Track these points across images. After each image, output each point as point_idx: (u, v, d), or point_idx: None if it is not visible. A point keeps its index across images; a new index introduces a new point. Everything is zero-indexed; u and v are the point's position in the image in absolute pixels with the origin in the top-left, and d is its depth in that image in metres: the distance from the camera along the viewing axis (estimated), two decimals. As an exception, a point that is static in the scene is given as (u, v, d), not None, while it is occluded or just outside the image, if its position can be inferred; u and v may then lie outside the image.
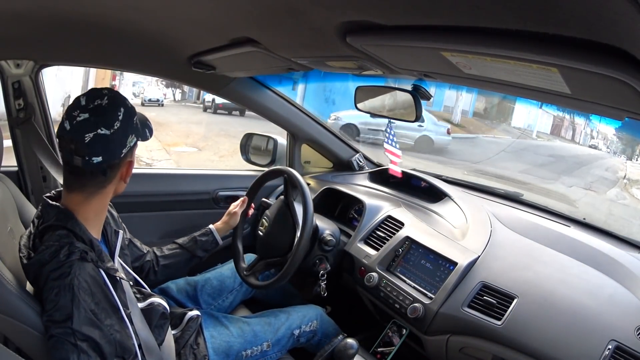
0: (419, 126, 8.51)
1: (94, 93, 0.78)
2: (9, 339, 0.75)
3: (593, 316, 0.89)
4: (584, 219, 1.30)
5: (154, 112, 11.63)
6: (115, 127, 0.76)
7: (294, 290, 1.49)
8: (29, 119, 1.32)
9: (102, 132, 0.75)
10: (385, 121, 1.57)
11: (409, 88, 1.15)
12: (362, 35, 0.62)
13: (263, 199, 1.53)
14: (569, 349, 0.84)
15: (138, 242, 1.13)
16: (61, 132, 0.76)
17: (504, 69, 0.53)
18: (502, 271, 1.05)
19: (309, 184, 1.57)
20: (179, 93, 18.20)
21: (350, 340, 1.05)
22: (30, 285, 0.79)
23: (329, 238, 1.28)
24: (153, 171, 1.59)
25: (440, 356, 1.03)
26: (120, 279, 0.82)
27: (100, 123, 0.75)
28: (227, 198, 1.66)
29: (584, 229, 1.24)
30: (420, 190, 1.57)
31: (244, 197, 1.32)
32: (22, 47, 1.13)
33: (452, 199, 1.40)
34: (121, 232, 0.94)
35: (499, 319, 0.94)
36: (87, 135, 0.74)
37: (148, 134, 0.88)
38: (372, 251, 1.27)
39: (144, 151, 6.65)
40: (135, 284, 0.94)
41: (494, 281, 1.02)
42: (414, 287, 1.12)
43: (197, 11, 0.75)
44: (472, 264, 1.08)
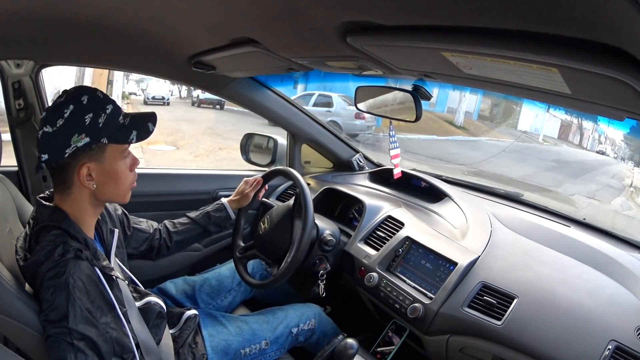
0: (327, 111, 8.71)
1: (62, 92, 0.78)
2: (9, 339, 0.75)
3: (593, 316, 0.89)
4: (584, 219, 1.30)
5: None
6: (58, 125, 0.74)
7: (293, 291, 1.49)
8: (29, 119, 1.32)
9: (46, 129, 0.74)
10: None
11: (409, 88, 1.15)
12: (362, 35, 0.62)
13: (263, 199, 1.53)
14: (569, 349, 0.84)
15: (143, 224, 1.12)
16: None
17: (504, 69, 0.53)
18: (502, 271, 1.05)
19: (309, 184, 1.57)
20: (184, 90, 17.62)
21: (350, 340, 1.05)
22: (29, 286, 0.79)
23: (329, 238, 1.28)
24: (153, 171, 1.58)
25: (440, 356, 1.03)
26: (117, 278, 0.82)
27: (47, 120, 0.75)
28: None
29: (584, 229, 1.24)
30: (420, 190, 1.57)
31: (259, 178, 1.29)
32: (22, 47, 1.13)
33: (452, 199, 1.40)
34: (117, 231, 0.93)
35: (499, 319, 0.94)
36: (39, 133, 0.75)
37: (133, 137, 0.79)
38: (372, 251, 1.27)
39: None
40: (131, 283, 0.94)
41: (494, 281, 1.02)
42: (414, 287, 1.12)
43: (197, 11, 0.75)
44: (472, 264, 1.08)
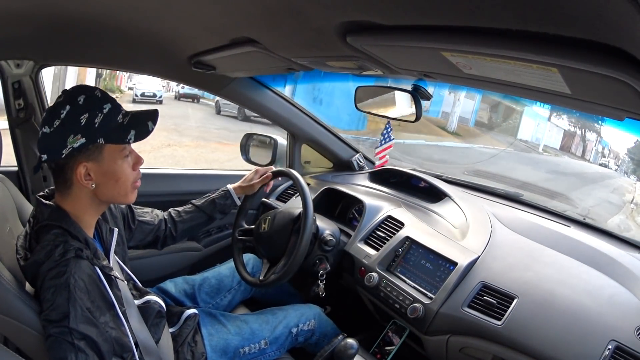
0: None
1: (62, 91, 0.79)
2: (9, 339, 0.75)
3: (593, 316, 0.89)
4: (584, 219, 1.30)
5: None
6: (55, 126, 0.75)
7: (293, 290, 1.50)
8: (29, 119, 1.32)
9: (45, 130, 0.75)
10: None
11: (409, 88, 1.15)
12: (362, 35, 0.62)
13: (263, 199, 1.53)
14: (569, 349, 0.84)
15: (148, 215, 1.12)
16: None
17: (504, 69, 0.53)
18: (502, 271, 1.05)
19: (308, 184, 1.57)
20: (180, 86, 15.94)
21: (350, 340, 1.05)
22: (30, 285, 0.79)
23: (329, 238, 1.28)
24: (153, 171, 1.58)
25: (440, 356, 1.03)
26: (116, 278, 0.82)
27: (46, 121, 0.76)
28: None
29: (584, 229, 1.24)
30: (420, 190, 1.57)
31: (269, 173, 1.29)
32: (22, 47, 1.13)
33: (452, 199, 1.40)
34: (116, 230, 0.93)
35: (499, 319, 0.94)
36: (39, 133, 0.76)
37: (131, 137, 0.79)
38: (372, 251, 1.27)
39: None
40: (130, 281, 0.94)
41: (494, 281, 1.02)
42: (414, 287, 1.12)
43: (197, 11, 0.75)
44: (472, 264, 1.08)
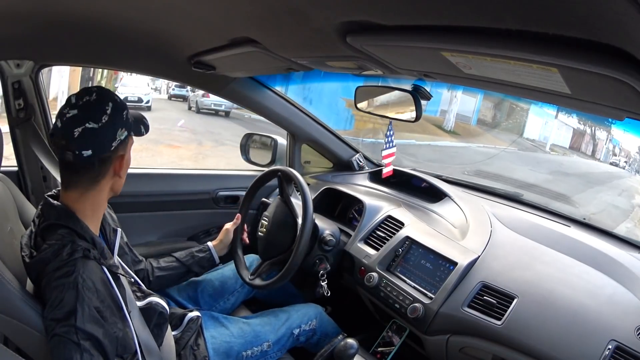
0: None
1: (83, 91, 0.80)
2: (9, 339, 0.75)
3: (593, 316, 0.89)
4: (584, 219, 1.30)
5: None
6: (104, 121, 0.77)
7: (294, 291, 1.49)
8: (29, 119, 1.32)
9: (90, 125, 0.76)
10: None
11: (409, 88, 1.15)
12: (362, 35, 0.62)
13: (263, 199, 1.53)
14: (569, 349, 0.84)
15: (134, 251, 1.12)
16: (53, 130, 0.78)
17: (504, 69, 0.53)
18: (502, 271, 1.05)
19: (308, 184, 1.58)
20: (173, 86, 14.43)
21: (350, 340, 1.05)
22: (32, 284, 0.79)
23: (329, 238, 1.28)
24: (153, 171, 1.58)
25: (440, 356, 1.03)
26: (121, 276, 0.83)
27: (89, 117, 0.76)
28: (227, 198, 1.66)
29: (584, 229, 1.24)
30: (420, 190, 1.57)
31: (237, 215, 1.31)
32: (22, 47, 1.13)
33: (452, 199, 1.40)
34: (119, 230, 0.94)
35: (499, 319, 0.94)
36: (76, 130, 0.76)
37: (143, 130, 0.89)
38: (372, 251, 1.27)
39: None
40: (134, 283, 0.94)
41: (494, 281, 1.02)
42: (414, 287, 1.12)
43: (197, 11, 0.75)
44: (472, 264, 1.08)
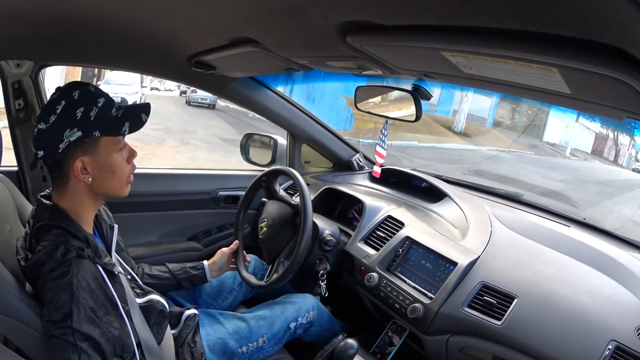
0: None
1: (56, 88, 0.79)
2: (9, 339, 0.75)
3: (593, 316, 0.89)
4: (584, 219, 1.30)
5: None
6: (51, 121, 0.75)
7: (294, 290, 1.49)
8: (29, 118, 1.32)
9: (40, 126, 0.75)
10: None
11: (409, 88, 1.15)
12: (362, 35, 0.62)
13: (263, 199, 1.53)
14: (569, 349, 0.84)
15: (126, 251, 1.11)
16: None
17: (504, 69, 0.53)
18: (502, 271, 1.05)
19: (308, 184, 1.58)
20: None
21: (350, 340, 1.05)
22: (30, 286, 0.79)
23: (329, 238, 1.28)
24: (153, 171, 1.58)
25: (440, 356, 1.03)
26: (118, 273, 0.82)
27: (41, 118, 0.76)
28: (227, 198, 1.66)
29: (584, 229, 1.24)
30: (420, 190, 1.57)
31: (235, 242, 1.28)
32: (22, 47, 1.13)
33: (452, 199, 1.40)
34: (116, 227, 0.93)
35: (499, 319, 0.94)
36: (35, 130, 0.76)
37: (125, 128, 0.79)
38: (372, 251, 1.27)
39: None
40: (132, 280, 0.94)
41: (494, 281, 1.02)
42: (414, 287, 1.12)
43: (197, 11, 0.75)
44: (472, 264, 1.08)
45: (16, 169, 1.36)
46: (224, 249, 1.25)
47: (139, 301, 0.89)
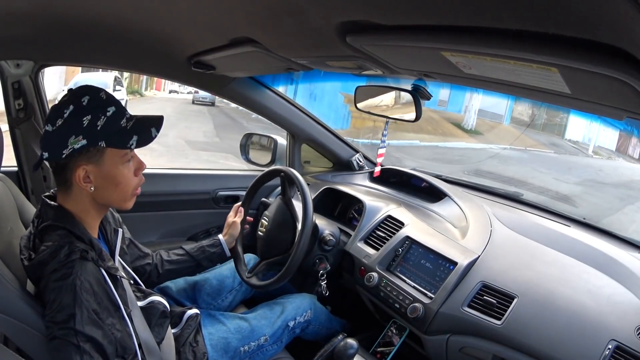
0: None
1: (68, 90, 0.79)
2: (9, 339, 0.75)
3: (593, 316, 0.89)
4: (584, 218, 1.30)
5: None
6: (57, 124, 0.74)
7: (294, 290, 1.50)
8: (29, 118, 1.32)
9: (47, 128, 0.75)
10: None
11: (409, 88, 1.15)
12: (362, 35, 0.62)
13: (263, 199, 1.53)
14: (569, 349, 0.84)
15: (139, 244, 1.12)
16: None
17: (504, 69, 0.53)
18: (502, 271, 1.05)
19: (308, 184, 1.58)
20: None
21: (350, 340, 1.05)
22: (33, 285, 0.79)
23: (329, 238, 1.28)
24: (153, 171, 1.59)
25: (440, 356, 1.03)
26: (121, 278, 0.82)
27: (49, 119, 0.75)
28: (227, 198, 1.66)
29: (584, 228, 1.24)
30: (420, 190, 1.57)
31: (239, 208, 1.28)
32: (22, 47, 1.13)
33: (452, 199, 1.40)
34: (121, 231, 0.93)
35: (499, 319, 0.94)
36: (42, 131, 0.77)
37: (132, 142, 0.78)
38: (372, 251, 1.27)
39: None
40: (134, 283, 0.94)
41: (494, 281, 1.02)
42: (414, 287, 1.12)
43: (197, 11, 0.75)
44: (472, 263, 1.08)
45: (16, 169, 1.36)
46: (233, 218, 1.25)
47: (140, 304, 0.89)
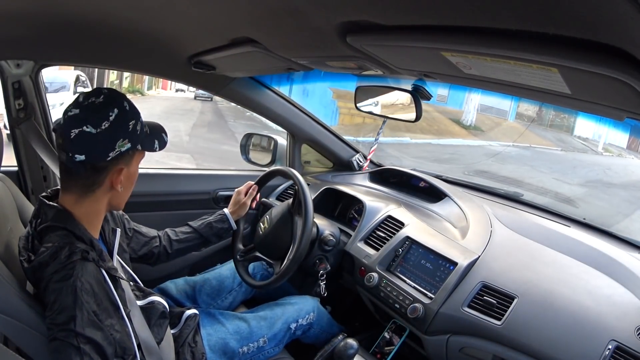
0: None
1: (94, 91, 0.77)
2: (9, 339, 0.75)
3: (593, 316, 0.89)
4: (584, 219, 1.30)
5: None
6: (103, 127, 0.73)
7: (294, 291, 1.50)
8: (29, 118, 1.32)
9: (88, 129, 0.72)
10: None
11: (409, 88, 1.15)
12: (362, 35, 0.62)
13: (263, 199, 1.53)
14: (569, 349, 0.84)
15: (144, 228, 1.12)
16: (55, 126, 0.77)
17: (504, 69, 0.53)
18: (502, 271, 1.05)
19: (308, 184, 1.58)
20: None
21: (350, 340, 1.05)
22: (33, 287, 0.79)
23: (329, 238, 1.28)
24: (153, 171, 1.59)
25: (441, 356, 1.03)
26: (120, 279, 0.82)
27: (88, 120, 0.73)
28: (227, 198, 1.65)
29: (584, 229, 1.24)
30: (420, 190, 1.57)
31: (252, 184, 1.29)
32: (22, 47, 1.13)
33: (452, 199, 1.40)
34: (119, 230, 0.93)
35: (499, 319, 0.94)
36: (72, 131, 0.72)
37: (157, 145, 0.83)
38: (372, 251, 1.27)
39: None
40: (133, 281, 0.94)
41: (494, 281, 1.02)
42: (414, 287, 1.12)
43: (197, 11, 0.75)
44: (472, 264, 1.08)
45: (16, 169, 1.36)
46: (245, 200, 1.26)
47: (139, 303, 0.89)
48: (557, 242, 1.13)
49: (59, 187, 0.84)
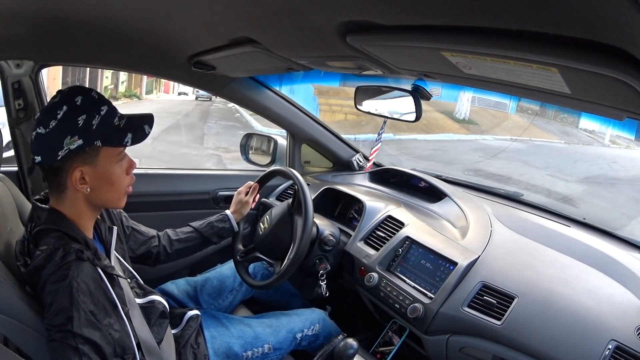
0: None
1: (56, 93, 0.77)
2: (9, 339, 0.75)
3: (593, 316, 0.89)
4: (584, 219, 1.30)
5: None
6: (51, 126, 0.73)
7: (294, 290, 1.49)
8: (29, 118, 1.32)
9: (40, 130, 0.73)
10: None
11: (409, 88, 1.15)
12: (362, 35, 0.62)
13: (263, 199, 1.53)
14: (569, 349, 0.84)
15: (143, 227, 1.11)
16: None
17: (504, 69, 0.53)
18: (502, 271, 1.05)
19: (308, 184, 1.58)
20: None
21: (350, 340, 1.05)
22: (31, 290, 0.79)
23: (329, 238, 1.28)
24: (153, 171, 1.59)
25: (441, 356, 1.03)
26: (118, 277, 0.82)
27: (42, 122, 0.74)
28: (227, 198, 1.66)
29: (584, 228, 1.24)
30: (420, 190, 1.57)
31: (252, 184, 1.30)
32: (22, 47, 1.13)
33: (452, 199, 1.40)
34: (115, 228, 0.92)
35: (499, 319, 0.94)
36: (33, 134, 0.74)
37: (128, 140, 0.78)
38: (372, 251, 1.27)
39: None
40: (133, 279, 0.94)
41: (494, 281, 1.02)
42: (414, 287, 1.12)
43: (197, 11, 0.75)
44: (472, 264, 1.08)
45: (16, 169, 1.36)
46: (247, 199, 1.27)
47: (139, 301, 0.88)
48: (557, 242, 1.13)
49: None
